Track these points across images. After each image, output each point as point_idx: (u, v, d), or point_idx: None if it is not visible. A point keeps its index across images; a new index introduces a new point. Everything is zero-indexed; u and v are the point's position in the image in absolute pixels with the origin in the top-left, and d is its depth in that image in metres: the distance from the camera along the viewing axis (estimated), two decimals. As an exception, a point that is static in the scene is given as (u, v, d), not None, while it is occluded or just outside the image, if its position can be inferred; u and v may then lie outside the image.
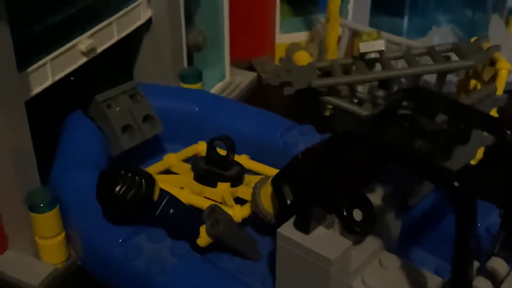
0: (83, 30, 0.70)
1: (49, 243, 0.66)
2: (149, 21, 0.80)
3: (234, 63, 1.00)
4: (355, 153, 0.52)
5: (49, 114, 0.72)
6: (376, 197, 0.59)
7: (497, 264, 0.52)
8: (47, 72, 0.66)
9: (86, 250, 0.65)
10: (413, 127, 0.53)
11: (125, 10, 0.75)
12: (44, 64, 0.65)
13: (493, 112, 0.78)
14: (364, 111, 0.81)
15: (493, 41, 0.84)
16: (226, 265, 0.65)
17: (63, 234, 0.66)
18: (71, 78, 0.71)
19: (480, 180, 0.48)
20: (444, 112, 0.53)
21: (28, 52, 0.64)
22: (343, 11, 0.99)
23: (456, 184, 0.44)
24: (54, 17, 0.67)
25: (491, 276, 0.51)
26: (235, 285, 0.58)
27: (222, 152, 0.70)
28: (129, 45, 0.83)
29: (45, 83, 0.66)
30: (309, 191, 0.54)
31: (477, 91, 0.78)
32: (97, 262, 0.64)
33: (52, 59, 0.66)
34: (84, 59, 0.70)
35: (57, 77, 0.67)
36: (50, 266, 0.66)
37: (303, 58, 0.91)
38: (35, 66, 0.64)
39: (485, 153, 0.50)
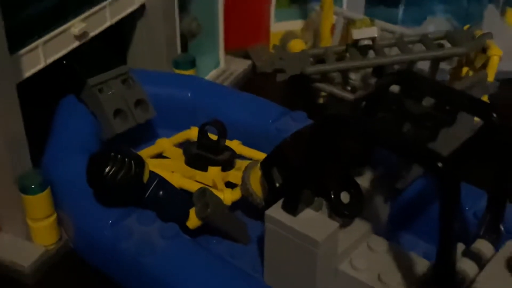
0: (76, 14, 0.70)
1: (40, 225, 0.66)
2: (142, 7, 0.80)
3: (229, 51, 1.00)
4: (344, 136, 0.53)
5: (42, 98, 0.73)
6: (364, 181, 0.59)
7: (482, 246, 0.52)
8: (39, 55, 0.66)
9: (76, 232, 0.66)
10: (400, 110, 0.53)
11: (119, -6, 0.75)
12: (36, 47, 0.66)
13: (484, 99, 0.78)
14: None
15: (488, 31, 0.84)
16: (216, 248, 0.66)
17: (55, 216, 0.67)
18: (64, 61, 0.71)
19: (466, 164, 0.48)
20: (432, 95, 0.53)
21: (20, 35, 0.64)
22: (338, 0, 0.99)
23: (439, 164, 0.45)
24: (47, 0, 0.67)
25: (477, 257, 0.52)
26: (225, 268, 0.59)
27: (214, 137, 0.71)
28: (123, 31, 0.83)
29: (37, 66, 0.66)
30: (297, 174, 0.55)
31: (468, 77, 0.78)
32: (87, 244, 0.64)
33: (45, 42, 0.66)
34: (76, 43, 0.70)
35: (50, 60, 0.68)
36: (42, 248, 0.67)
37: (297, 46, 0.91)
38: (27, 48, 0.64)
39: (472, 136, 0.50)
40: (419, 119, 0.52)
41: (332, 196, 0.56)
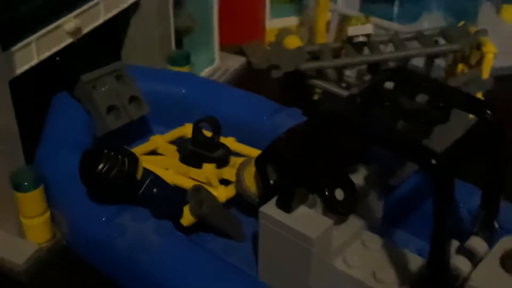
0: (69, 10, 0.69)
1: (33, 222, 0.66)
2: (137, 3, 0.80)
3: (224, 47, 0.99)
4: (338, 133, 0.53)
5: (35, 95, 0.72)
6: (358, 178, 0.59)
7: (476, 243, 0.52)
8: (32, 52, 0.66)
9: (70, 230, 0.66)
10: (394, 107, 0.53)
11: (113, -9, 0.75)
12: (29, 43, 0.65)
13: (479, 96, 0.78)
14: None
15: (483, 28, 0.84)
16: (210, 245, 0.65)
17: (48, 213, 0.66)
18: (57, 58, 0.71)
19: (460, 161, 0.48)
20: (426, 92, 0.53)
21: (13, 31, 0.63)
22: (334, -3, 0.99)
23: (433, 161, 0.45)
24: (40, -4, 0.67)
25: (470, 255, 0.52)
26: (219, 265, 0.59)
27: (209, 134, 0.70)
28: (117, 27, 0.82)
29: (30, 62, 0.66)
30: (291, 171, 0.54)
31: (463, 74, 0.78)
32: (81, 242, 0.64)
33: (37, 39, 0.66)
34: (70, 40, 0.70)
35: (42, 57, 0.67)
36: (35, 245, 0.66)
37: (293, 42, 0.91)
38: (20, 45, 0.64)
39: (466, 132, 0.50)
40: (413, 116, 0.52)
41: (327, 193, 0.56)
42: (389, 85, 0.54)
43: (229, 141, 0.74)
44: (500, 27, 1.06)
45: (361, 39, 0.81)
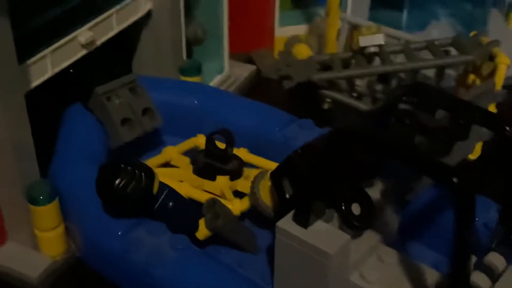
0: (83, 23, 0.70)
1: (48, 236, 0.66)
2: (148, 14, 0.80)
3: (233, 56, 0.99)
4: (355, 148, 0.53)
5: (49, 107, 0.72)
6: (375, 192, 0.59)
7: (495, 259, 0.52)
8: (47, 65, 0.66)
9: (85, 243, 0.66)
10: (413, 123, 0.53)
11: (125, 2, 0.75)
12: (44, 56, 0.65)
13: (492, 107, 0.79)
14: (363, 105, 0.81)
15: (492, 36, 0.84)
16: (225, 258, 0.65)
17: (62, 226, 0.66)
18: (71, 70, 0.71)
19: (479, 176, 0.48)
20: (444, 108, 0.53)
21: (28, 45, 0.64)
22: (342, 4, 0.99)
23: (455, 180, 0.45)
24: (55, 9, 0.67)
25: (489, 271, 0.51)
26: (234, 278, 0.59)
27: (221, 145, 0.70)
28: (129, 38, 0.82)
29: (44, 75, 0.66)
30: (308, 185, 0.54)
31: (476, 87, 0.78)
32: (96, 255, 0.64)
33: (52, 51, 0.66)
34: (84, 52, 0.70)
35: (57, 70, 0.67)
36: (49, 259, 0.67)
37: (302, 51, 0.91)
38: (35, 58, 0.64)
39: (484, 148, 0.50)
40: (434, 132, 0.52)
41: (343, 207, 0.56)
42: (407, 100, 0.54)
43: (242, 152, 0.74)
44: (509, 35, 1.06)
45: (372, 49, 0.81)
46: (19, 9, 0.62)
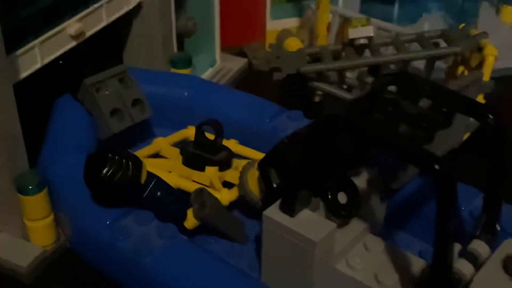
0: (72, 14, 0.70)
1: (38, 225, 0.66)
2: (139, 6, 0.80)
3: (225, 49, 1.00)
4: (341, 136, 0.53)
5: (38, 98, 0.73)
6: (361, 181, 0.59)
7: (479, 246, 0.53)
8: (36, 56, 0.66)
9: (74, 233, 0.66)
10: (396, 112, 0.53)
11: (115, -6, 0.75)
12: (33, 47, 0.66)
13: (480, 98, 0.79)
14: (353, 97, 0.81)
15: (484, 29, 0.84)
16: (213, 247, 0.66)
17: (52, 216, 0.67)
18: (60, 61, 0.71)
19: (461, 164, 0.48)
20: (428, 97, 0.53)
21: (16, 35, 0.64)
22: (333, -2, 0.99)
23: (436, 166, 0.45)
24: (43, 0, 0.67)
25: (473, 258, 0.52)
26: (222, 267, 0.59)
27: (211, 136, 0.71)
28: (119, 30, 0.83)
29: (33, 66, 0.66)
30: (294, 174, 0.55)
31: (463, 77, 0.78)
32: (85, 244, 0.65)
33: (41, 43, 0.66)
34: (73, 43, 0.71)
35: (46, 61, 0.68)
36: (39, 248, 0.67)
37: (294, 44, 0.91)
38: (23, 49, 0.64)
39: (468, 137, 0.50)
40: (416, 120, 0.52)
41: (329, 196, 0.56)
42: (391, 89, 0.55)
43: (231, 144, 0.74)
44: (499, 28, 1.07)
45: (362, 41, 0.81)
46: (8, -1, 0.62)
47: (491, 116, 0.51)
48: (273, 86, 0.90)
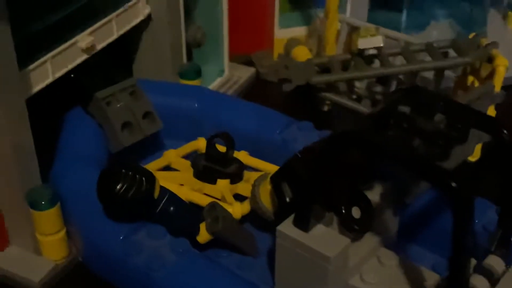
0: (83, 28, 0.70)
1: (50, 240, 0.66)
2: (148, 18, 0.80)
3: (233, 58, 1.00)
4: (354, 151, 0.53)
5: (49, 112, 0.73)
6: (374, 195, 0.59)
7: (494, 262, 0.53)
8: (48, 70, 0.66)
9: (86, 247, 0.66)
10: (411, 127, 0.53)
11: (124, 7, 0.75)
12: (45, 62, 0.66)
13: (491, 109, 0.79)
14: (362, 107, 0.81)
15: (491, 36, 0.84)
16: (225, 261, 0.66)
17: (64, 230, 0.67)
18: (71, 75, 0.71)
19: (477, 179, 0.48)
20: (442, 112, 0.53)
21: (28, 50, 0.64)
22: (341, 6, 0.99)
23: (453, 184, 0.45)
24: (55, 14, 0.67)
25: (488, 273, 0.52)
26: (234, 281, 0.59)
27: (222, 148, 0.71)
28: (129, 42, 0.83)
29: (45, 80, 0.66)
30: (308, 189, 0.55)
31: (475, 88, 0.78)
32: (98, 259, 0.65)
33: (53, 57, 0.66)
34: (84, 56, 0.71)
35: (58, 75, 0.68)
36: (51, 263, 0.67)
37: (302, 53, 0.91)
38: (35, 64, 0.64)
39: (482, 152, 0.50)
40: (431, 136, 0.52)
41: (343, 211, 0.56)
42: (405, 104, 0.54)
43: (242, 155, 0.74)
44: (507, 35, 1.07)
45: (371, 52, 0.81)
46: (19, 14, 0.62)
47: (505, 131, 0.51)
48: (281, 95, 0.90)
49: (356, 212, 0.57)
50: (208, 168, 0.70)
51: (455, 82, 0.85)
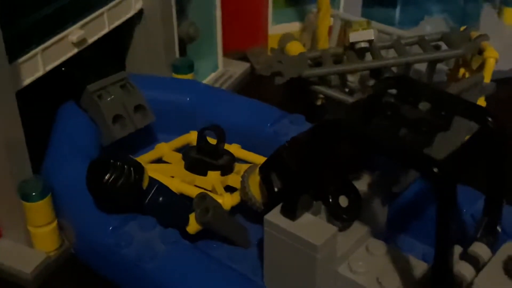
0: (74, 21, 0.70)
1: (41, 232, 0.66)
2: (140, 12, 0.80)
3: (228, 53, 1.00)
4: (342, 140, 0.53)
5: (41, 105, 0.73)
6: (362, 184, 0.59)
7: (480, 249, 0.53)
8: (38, 63, 0.67)
9: (78, 239, 0.66)
10: (396, 115, 0.53)
11: (116, 1, 0.76)
12: (35, 55, 0.66)
13: (481, 100, 0.79)
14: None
15: (485, 31, 0.84)
16: (216, 252, 0.66)
17: (56, 222, 0.67)
18: (63, 68, 0.72)
19: (461, 167, 0.48)
20: (427, 100, 0.53)
21: (18, 43, 0.64)
22: (335, 2, 0.99)
23: (435, 170, 0.45)
24: (45, 8, 0.68)
25: (474, 261, 0.52)
26: (225, 272, 0.59)
27: (213, 141, 0.71)
28: (121, 36, 0.83)
29: (36, 73, 0.67)
30: (296, 179, 0.55)
31: (464, 79, 0.78)
32: (89, 250, 0.65)
33: (43, 50, 0.67)
34: (75, 50, 0.71)
35: (48, 68, 0.68)
36: (43, 254, 0.67)
37: (295, 48, 0.91)
38: (26, 57, 0.65)
39: (469, 140, 0.50)
40: (415, 124, 0.52)
41: (331, 200, 0.57)
42: (391, 93, 0.55)
43: (234, 148, 0.74)
44: (501, 30, 1.07)
45: (363, 45, 0.81)
46: (9, 7, 0.62)
47: (490, 119, 0.51)
48: (275, 90, 0.90)
49: (343, 201, 0.57)
50: (199, 160, 0.70)
51: (447, 75, 0.85)
